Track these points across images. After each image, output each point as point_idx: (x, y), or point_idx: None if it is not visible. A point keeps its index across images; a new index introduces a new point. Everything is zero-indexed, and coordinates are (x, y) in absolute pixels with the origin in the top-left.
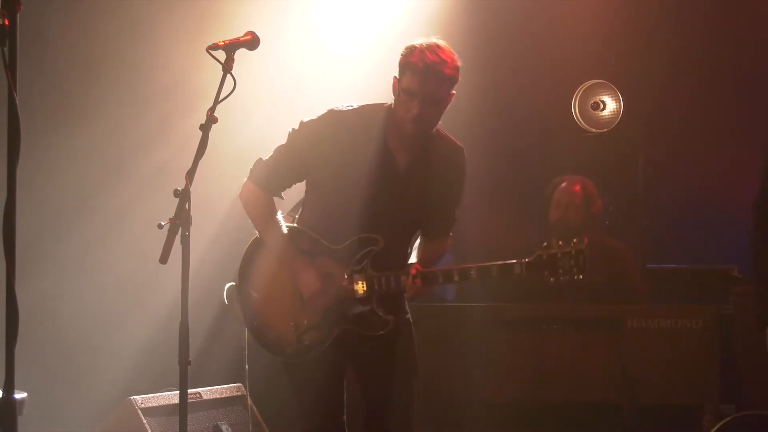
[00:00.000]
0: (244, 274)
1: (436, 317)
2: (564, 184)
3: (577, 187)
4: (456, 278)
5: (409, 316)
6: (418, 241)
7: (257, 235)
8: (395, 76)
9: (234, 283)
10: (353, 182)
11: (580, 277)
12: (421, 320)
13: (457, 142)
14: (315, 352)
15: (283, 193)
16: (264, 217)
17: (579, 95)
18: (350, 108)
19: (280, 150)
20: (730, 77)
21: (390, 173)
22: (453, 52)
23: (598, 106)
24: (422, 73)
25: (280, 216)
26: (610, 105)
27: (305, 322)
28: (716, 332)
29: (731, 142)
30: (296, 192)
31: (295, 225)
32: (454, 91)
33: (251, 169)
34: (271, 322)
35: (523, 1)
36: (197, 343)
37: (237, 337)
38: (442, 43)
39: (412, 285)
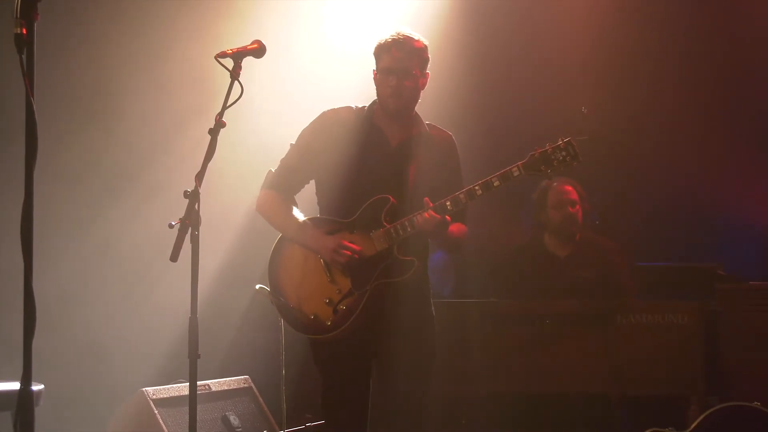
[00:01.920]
0: (273, 271)
1: None
2: (556, 185)
3: (569, 187)
4: (464, 199)
5: (433, 309)
6: None
7: (279, 236)
8: (373, 70)
9: (262, 286)
10: (353, 163)
11: (575, 163)
12: None
13: (446, 130)
14: (352, 318)
15: (298, 203)
16: (280, 212)
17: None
18: (341, 107)
19: (284, 157)
20: (715, 81)
21: (383, 148)
22: (417, 34)
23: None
24: (394, 48)
25: (297, 211)
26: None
27: (337, 292)
28: (702, 327)
29: (718, 145)
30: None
31: (311, 217)
32: (428, 71)
33: (263, 182)
34: (307, 307)
35: (518, 9)
36: (206, 337)
37: (244, 331)
38: (407, 29)
39: (426, 218)
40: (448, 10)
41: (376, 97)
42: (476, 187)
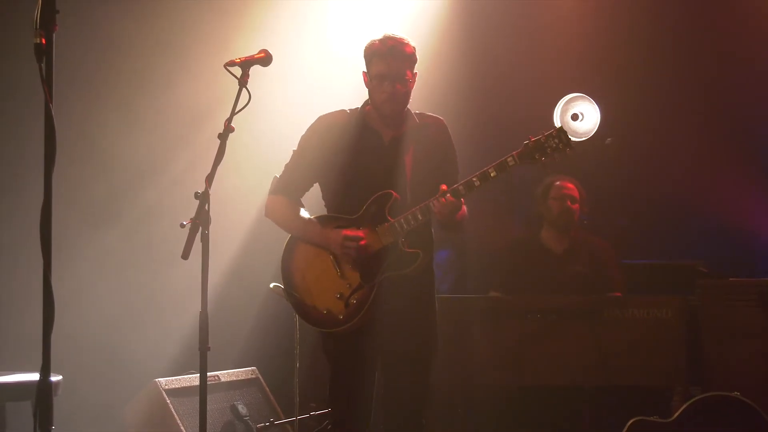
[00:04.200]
0: (286, 270)
1: None
2: (558, 183)
3: (572, 185)
4: (463, 191)
5: (436, 303)
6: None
7: (289, 236)
8: (363, 71)
9: (276, 284)
10: (351, 162)
11: (568, 150)
12: None
13: (437, 116)
14: (363, 310)
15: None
16: (288, 215)
17: (560, 107)
18: (335, 110)
19: (287, 163)
20: (698, 88)
21: (377, 146)
22: (406, 36)
23: (577, 117)
24: (387, 55)
25: (305, 212)
26: (588, 116)
27: (347, 286)
28: (684, 321)
29: (700, 149)
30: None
31: (318, 215)
32: (416, 71)
33: (269, 188)
34: (320, 302)
35: (514, 8)
36: (216, 330)
37: (252, 324)
38: (396, 32)
39: (443, 203)
40: (448, 9)
41: (368, 98)
42: (474, 179)
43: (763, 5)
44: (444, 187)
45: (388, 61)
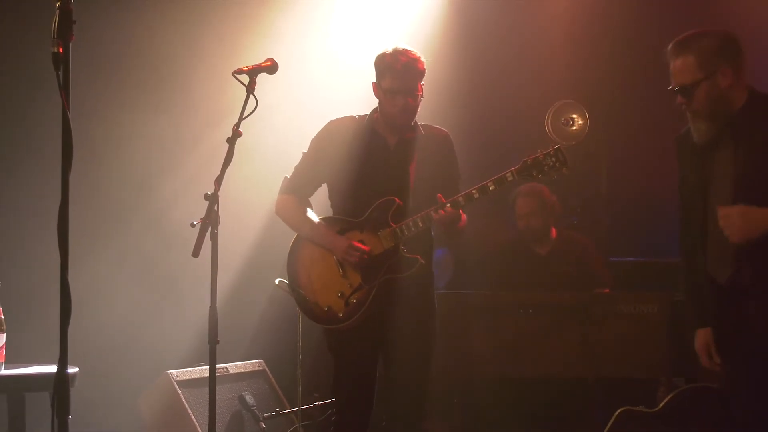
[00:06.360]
0: (291, 267)
1: None
2: (519, 199)
3: (532, 200)
4: (463, 202)
5: (435, 303)
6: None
7: (296, 235)
8: (373, 82)
9: (281, 279)
10: (358, 167)
11: (565, 170)
12: None
13: (442, 128)
14: (362, 309)
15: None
16: (297, 215)
17: (551, 113)
18: (344, 116)
19: (297, 164)
20: None
21: (382, 151)
22: (417, 51)
23: (568, 122)
24: (401, 71)
25: (311, 212)
26: (578, 121)
27: (348, 286)
28: (669, 316)
29: None
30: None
31: (324, 216)
32: (423, 83)
33: (279, 187)
34: (321, 299)
35: (511, 17)
36: (225, 325)
37: (259, 319)
38: (407, 46)
39: (443, 214)
40: (443, 20)
41: (376, 106)
42: (473, 191)
43: (749, 14)
44: (442, 198)
45: (402, 77)
